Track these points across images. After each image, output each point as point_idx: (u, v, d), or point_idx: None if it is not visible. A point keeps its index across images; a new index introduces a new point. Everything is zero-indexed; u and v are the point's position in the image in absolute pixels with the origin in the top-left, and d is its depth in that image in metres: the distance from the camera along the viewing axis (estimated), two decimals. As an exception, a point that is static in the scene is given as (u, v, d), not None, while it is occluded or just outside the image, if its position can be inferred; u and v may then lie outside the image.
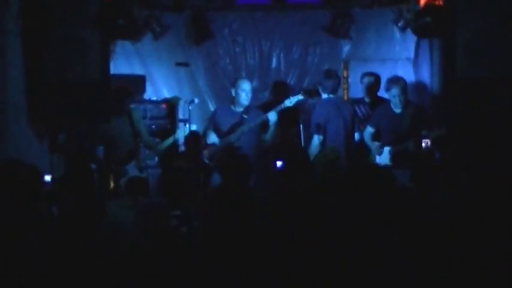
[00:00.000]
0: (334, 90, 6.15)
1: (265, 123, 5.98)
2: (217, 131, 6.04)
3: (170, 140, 6.05)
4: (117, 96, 6.00)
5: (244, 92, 6.01)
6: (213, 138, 5.95)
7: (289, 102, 5.97)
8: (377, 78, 6.73)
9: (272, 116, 5.91)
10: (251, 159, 4.60)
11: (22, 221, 2.90)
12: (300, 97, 6.00)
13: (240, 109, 6.07)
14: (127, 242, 4.00)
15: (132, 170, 5.74)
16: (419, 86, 7.28)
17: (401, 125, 5.80)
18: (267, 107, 6.31)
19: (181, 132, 6.05)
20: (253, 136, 6.04)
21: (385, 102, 6.38)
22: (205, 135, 6.06)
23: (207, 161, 5.87)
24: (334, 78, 6.20)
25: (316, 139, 5.96)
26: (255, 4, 7.60)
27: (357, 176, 3.35)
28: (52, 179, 5.73)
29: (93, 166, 6.08)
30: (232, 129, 5.99)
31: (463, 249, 3.03)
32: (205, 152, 5.88)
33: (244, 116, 6.02)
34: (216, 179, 5.61)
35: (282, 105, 5.98)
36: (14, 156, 5.28)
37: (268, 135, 6.02)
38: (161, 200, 5.26)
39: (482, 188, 4.23)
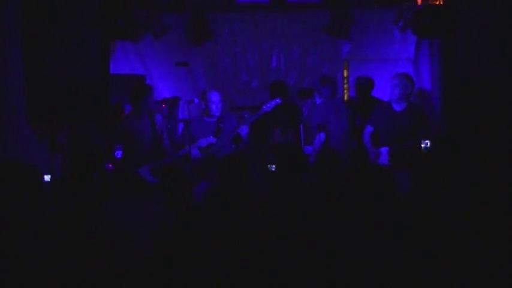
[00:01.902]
0: (330, 96, 6.14)
1: (237, 136, 5.91)
2: (194, 143, 5.89)
3: (186, 149, 5.82)
4: (133, 94, 5.73)
5: (214, 104, 5.90)
6: (193, 151, 5.81)
7: (267, 107, 5.91)
8: (370, 81, 6.71)
9: (244, 131, 5.84)
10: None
11: (22, 221, 2.90)
12: (278, 101, 5.94)
13: (213, 119, 5.99)
14: (127, 242, 4.00)
15: (144, 173, 5.63)
16: (419, 86, 7.28)
17: (401, 124, 5.78)
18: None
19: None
20: (232, 145, 5.98)
21: (380, 101, 6.41)
22: (183, 147, 5.85)
23: (192, 175, 5.76)
24: (330, 85, 6.20)
25: (319, 138, 5.96)
26: (255, 4, 7.59)
27: (356, 176, 3.35)
28: (52, 179, 5.72)
29: (110, 166, 6.02)
30: None
31: (462, 250, 3.03)
32: (188, 166, 5.73)
33: (220, 125, 5.95)
34: (199, 189, 5.59)
35: (261, 111, 5.92)
36: (13, 156, 5.29)
37: (242, 145, 5.95)
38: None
39: (482, 188, 4.23)
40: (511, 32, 6.23)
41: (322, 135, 5.96)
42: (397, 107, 5.86)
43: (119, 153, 5.88)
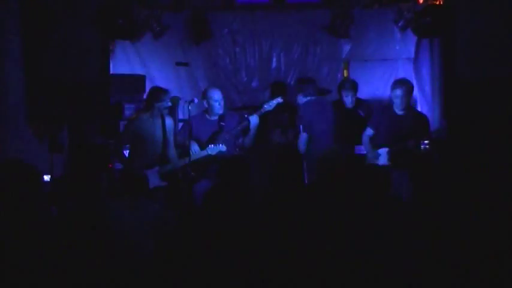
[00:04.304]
0: (312, 94, 6.14)
1: (245, 128, 5.89)
2: (195, 141, 5.85)
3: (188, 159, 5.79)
4: (151, 95, 5.71)
5: (217, 101, 5.87)
6: (195, 149, 5.78)
7: (269, 106, 5.89)
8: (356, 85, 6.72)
9: (254, 120, 5.81)
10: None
11: (22, 221, 2.90)
12: (280, 100, 5.92)
13: (215, 117, 5.97)
14: (127, 242, 4.01)
15: (152, 176, 5.60)
16: (419, 86, 7.28)
17: (402, 127, 5.79)
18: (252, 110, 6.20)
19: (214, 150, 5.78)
20: (233, 143, 5.96)
21: (366, 102, 6.46)
22: (185, 146, 5.75)
23: (192, 174, 5.74)
24: (309, 83, 6.27)
25: (304, 136, 6.02)
26: (255, 4, 7.59)
27: (356, 176, 3.35)
28: (52, 179, 5.72)
29: (118, 166, 6.00)
30: (212, 139, 5.85)
31: (462, 249, 3.03)
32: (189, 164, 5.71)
33: (222, 124, 5.93)
34: (200, 187, 5.58)
35: (262, 110, 5.90)
36: (14, 156, 5.29)
37: (248, 140, 5.94)
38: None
39: (482, 188, 4.23)
40: (511, 32, 6.23)
41: (306, 135, 6.03)
42: (399, 111, 5.86)
43: (125, 153, 5.88)
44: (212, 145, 5.71)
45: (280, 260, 2.98)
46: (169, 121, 5.76)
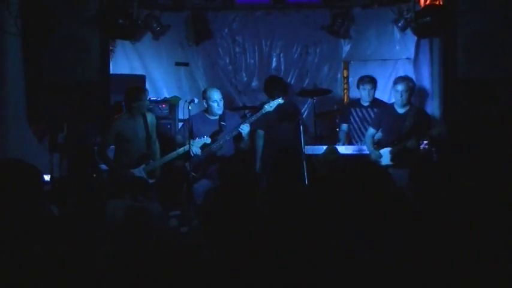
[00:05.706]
0: (280, 96, 6.14)
1: (239, 135, 5.88)
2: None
3: (173, 155, 5.81)
4: (128, 96, 5.73)
5: (216, 102, 5.88)
6: (195, 149, 5.77)
7: (269, 107, 5.87)
8: (374, 80, 6.66)
9: (245, 129, 5.80)
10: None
11: (22, 221, 2.90)
12: (280, 101, 5.90)
13: (216, 117, 5.98)
14: (127, 242, 4.00)
15: (139, 174, 5.62)
16: (419, 86, 7.28)
17: (404, 125, 5.80)
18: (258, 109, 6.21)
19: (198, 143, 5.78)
20: (232, 143, 5.96)
21: (384, 103, 6.44)
22: (184, 145, 5.76)
23: (193, 173, 5.75)
24: (278, 85, 6.46)
25: (260, 133, 6.27)
26: (255, 4, 7.59)
27: (356, 175, 3.35)
28: (52, 178, 5.72)
29: (103, 166, 6.02)
30: (212, 138, 5.86)
31: (461, 249, 3.03)
32: (188, 164, 5.72)
33: (223, 123, 5.93)
34: (200, 187, 5.58)
35: (263, 111, 5.89)
36: (14, 156, 5.29)
37: (243, 144, 5.93)
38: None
39: (482, 188, 4.23)
40: (511, 32, 6.23)
41: (262, 132, 6.23)
42: (400, 109, 5.87)
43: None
44: (197, 138, 5.73)
45: (280, 260, 2.99)
46: (151, 118, 5.81)
